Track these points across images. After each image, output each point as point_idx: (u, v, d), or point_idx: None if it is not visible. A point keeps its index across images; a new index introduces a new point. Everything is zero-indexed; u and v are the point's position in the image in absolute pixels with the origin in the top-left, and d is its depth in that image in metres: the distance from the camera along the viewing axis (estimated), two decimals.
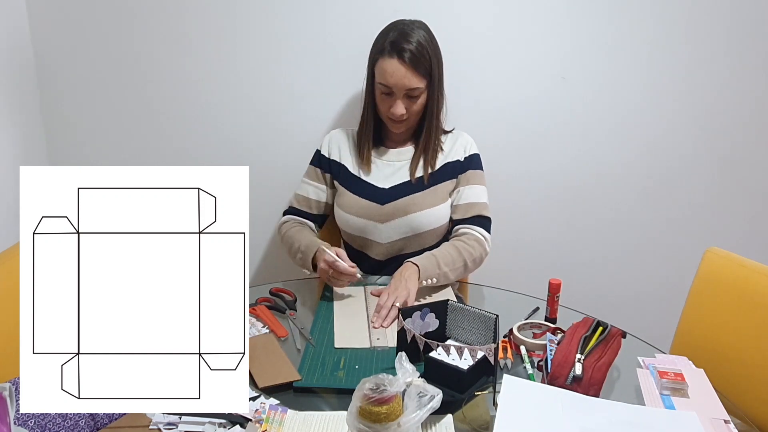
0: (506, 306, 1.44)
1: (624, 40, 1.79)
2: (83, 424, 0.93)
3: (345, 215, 1.59)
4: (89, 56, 1.79)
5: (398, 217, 1.55)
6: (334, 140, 1.66)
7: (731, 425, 0.99)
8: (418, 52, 1.44)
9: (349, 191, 1.59)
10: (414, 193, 1.55)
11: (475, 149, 1.62)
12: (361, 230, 1.58)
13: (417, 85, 1.46)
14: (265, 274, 2.01)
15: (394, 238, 1.57)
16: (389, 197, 1.55)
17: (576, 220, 1.97)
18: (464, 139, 1.62)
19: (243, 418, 0.96)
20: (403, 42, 1.44)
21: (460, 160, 1.59)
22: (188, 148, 1.88)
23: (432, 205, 1.55)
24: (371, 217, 1.56)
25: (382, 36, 1.50)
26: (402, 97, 1.48)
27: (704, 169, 1.92)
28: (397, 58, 1.44)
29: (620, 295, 2.02)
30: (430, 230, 1.57)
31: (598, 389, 1.05)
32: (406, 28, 1.47)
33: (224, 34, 1.78)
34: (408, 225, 1.55)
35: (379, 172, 1.59)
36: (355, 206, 1.57)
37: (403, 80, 1.45)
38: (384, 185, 1.57)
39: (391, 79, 1.46)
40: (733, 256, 1.34)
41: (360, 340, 1.24)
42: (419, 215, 1.54)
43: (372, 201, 1.56)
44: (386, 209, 1.55)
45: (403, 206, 1.54)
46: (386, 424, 0.85)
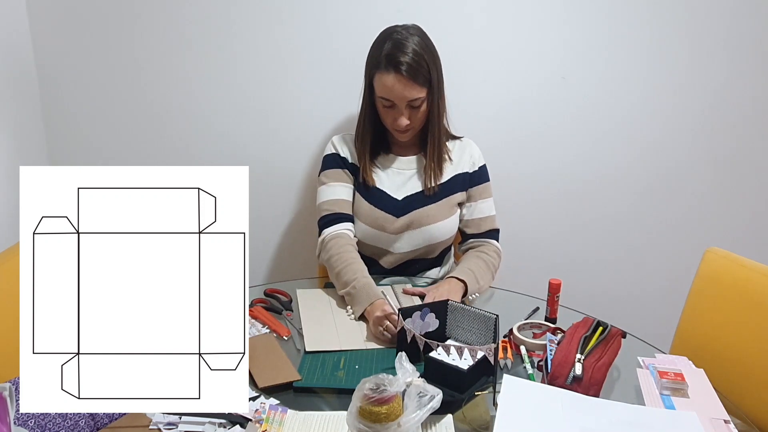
0: (506, 306, 1.45)
1: (624, 40, 1.79)
2: (83, 424, 0.93)
3: (359, 223, 1.57)
4: (89, 56, 1.79)
5: (413, 229, 1.54)
6: (339, 142, 1.62)
7: (731, 425, 0.99)
8: (415, 62, 1.42)
9: (364, 199, 1.57)
10: (427, 205, 1.54)
11: (482, 160, 1.62)
12: (374, 239, 1.56)
13: (418, 95, 1.45)
14: (259, 276, 2.00)
15: (406, 249, 1.56)
16: (403, 210, 1.54)
17: (576, 220, 1.97)
18: (472, 149, 1.61)
19: (243, 418, 0.96)
20: (399, 54, 1.41)
21: (469, 172, 1.59)
22: (188, 148, 1.88)
23: (445, 217, 1.55)
24: (385, 228, 1.54)
25: (376, 48, 1.47)
26: (404, 107, 1.46)
27: (704, 169, 1.92)
28: (395, 72, 1.41)
29: (620, 295, 2.02)
30: (442, 241, 1.58)
31: (598, 389, 1.05)
32: (400, 37, 1.44)
33: (224, 34, 1.78)
34: (422, 237, 1.55)
35: (390, 181, 1.57)
36: (370, 216, 1.55)
37: (403, 93, 1.43)
38: (397, 195, 1.55)
39: (391, 94, 1.44)
40: (733, 256, 1.34)
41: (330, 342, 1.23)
42: (432, 228, 1.54)
43: (387, 212, 1.54)
44: (401, 222, 1.54)
45: (418, 218, 1.54)
46: (386, 424, 0.85)
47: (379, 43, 1.47)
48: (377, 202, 1.55)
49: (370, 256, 1.60)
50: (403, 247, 1.56)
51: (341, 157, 1.60)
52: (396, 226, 1.54)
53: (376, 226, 1.54)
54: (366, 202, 1.56)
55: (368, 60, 1.49)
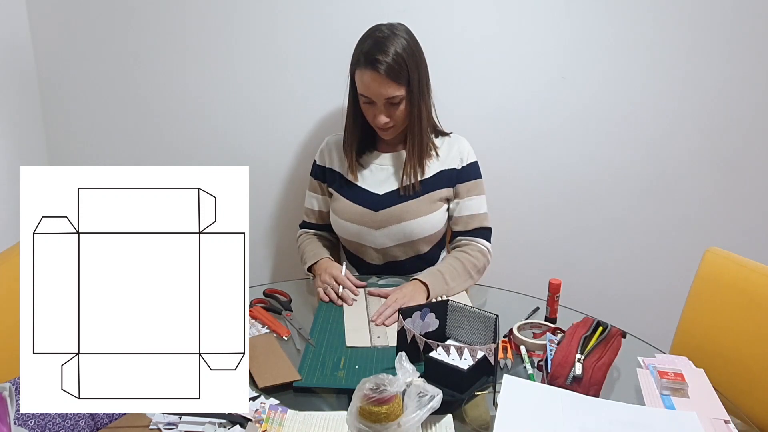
0: (506, 306, 1.45)
1: (624, 40, 1.79)
2: (83, 424, 0.93)
3: (339, 221, 1.59)
4: (89, 56, 1.79)
5: (392, 224, 1.55)
6: (327, 147, 1.66)
7: (731, 425, 0.99)
8: (394, 62, 1.42)
9: (343, 197, 1.59)
10: (408, 201, 1.55)
11: (473, 157, 1.61)
12: (356, 236, 1.58)
13: (395, 93, 1.45)
14: (259, 276, 2.01)
15: (389, 245, 1.57)
16: (383, 204, 1.55)
17: (576, 220, 1.97)
18: (461, 145, 1.60)
19: (243, 418, 0.96)
20: (377, 53, 1.42)
21: (457, 168, 1.58)
22: (188, 148, 1.88)
23: (426, 212, 1.55)
24: (365, 223, 1.56)
25: (358, 45, 1.49)
26: (383, 104, 1.48)
27: (704, 170, 1.92)
28: (372, 70, 1.43)
29: (620, 295, 2.02)
30: (424, 237, 1.57)
31: (598, 389, 1.05)
32: (381, 35, 1.45)
33: (224, 35, 1.78)
34: (402, 232, 1.55)
35: (373, 177, 1.59)
36: (349, 212, 1.57)
37: (380, 90, 1.45)
38: (378, 191, 1.57)
39: (368, 90, 1.46)
40: (733, 256, 1.34)
41: (363, 338, 1.25)
42: (412, 223, 1.54)
43: (366, 207, 1.56)
44: (380, 216, 1.55)
45: (397, 214, 1.54)
46: (386, 424, 0.85)
47: (361, 40, 1.49)
48: (356, 197, 1.57)
49: (354, 253, 1.63)
50: (385, 243, 1.57)
51: (320, 166, 1.66)
52: (375, 220, 1.55)
53: (356, 220, 1.56)
54: (345, 199, 1.59)
55: (352, 57, 1.51)
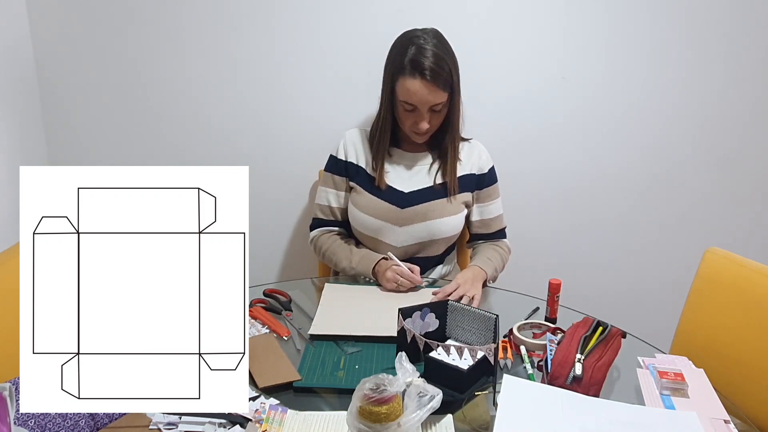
0: (506, 306, 1.45)
1: (624, 40, 1.80)
2: (83, 424, 0.93)
3: (361, 215, 1.57)
4: (89, 56, 1.79)
5: (417, 222, 1.55)
6: (349, 142, 1.63)
7: (731, 425, 0.99)
8: (438, 67, 1.43)
9: (367, 192, 1.58)
10: (435, 200, 1.56)
11: (491, 162, 1.64)
12: (376, 231, 1.57)
13: (441, 100, 1.46)
14: (259, 276, 2.00)
15: (409, 243, 1.57)
16: (410, 201, 1.55)
17: (576, 219, 1.97)
18: (480, 150, 1.63)
19: (243, 418, 0.96)
20: (422, 59, 1.43)
21: (476, 174, 1.60)
22: (188, 148, 1.88)
23: (451, 213, 1.56)
24: (389, 219, 1.55)
25: (398, 52, 1.47)
26: (426, 112, 1.47)
27: (704, 169, 1.92)
28: (420, 78, 1.43)
29: (620, 295, 2.02)
30: (445, 237, 1.58)
31: (598, 389, 1.05)
32: (422, 42, 1.45)
33: (224, 35, 1.78)
34: (426, 230, 1.55)
35: (397, 175, 1.59)
36: (373, 207, 1.56)
37: (428, 97, 1.45)
38: (404, 189, 1.57)
39: (415, 98, 1.45)
40: (733, 256, 1.34)
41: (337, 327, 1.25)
42: (438, 222, 1.55)
43: (392, 203, 1.55)
44: (406, 213, 1.55)
45: (423, 211, 1.55)
46: (386, 424, 0.85)
47: (401, 47, 1.48)
48: (382, 193, 1.57)
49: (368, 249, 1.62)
50: (406, 240, 1.56)
51: (341, 160, 1.62)
52: (401, 217, 1.55)
53: (380, 216, 1.56)
54: (369, 194, 1.57)
55: (390, 64, 1.50)
